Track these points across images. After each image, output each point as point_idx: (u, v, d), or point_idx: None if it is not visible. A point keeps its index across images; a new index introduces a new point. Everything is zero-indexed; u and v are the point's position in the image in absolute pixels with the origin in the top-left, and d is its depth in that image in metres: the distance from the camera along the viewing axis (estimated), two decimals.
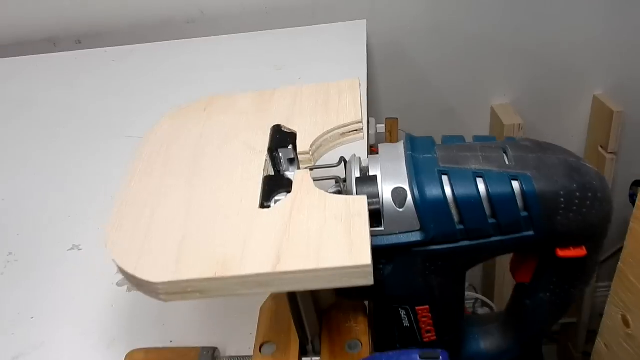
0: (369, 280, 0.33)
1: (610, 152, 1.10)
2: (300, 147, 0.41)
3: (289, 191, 0.37)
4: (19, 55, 1.04)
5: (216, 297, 0.34)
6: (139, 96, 0.89)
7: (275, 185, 0.38)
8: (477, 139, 0.41)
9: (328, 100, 0.45)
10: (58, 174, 0.74)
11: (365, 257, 0.32)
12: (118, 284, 0.38)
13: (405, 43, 1.04)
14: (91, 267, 0.61)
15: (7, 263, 0.63)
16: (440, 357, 0.39)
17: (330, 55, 0.92)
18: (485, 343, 0.51)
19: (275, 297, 0.50)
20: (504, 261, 1.10)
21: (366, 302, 0.49)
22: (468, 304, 1.20)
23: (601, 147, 1.12)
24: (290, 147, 0.41)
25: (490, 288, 1.23)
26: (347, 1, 0.99)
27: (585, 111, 1.14)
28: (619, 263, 0.72)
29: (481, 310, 1.19)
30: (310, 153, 0.41)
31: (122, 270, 0.35)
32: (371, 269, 0.32)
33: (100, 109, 0.87)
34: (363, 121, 0.43)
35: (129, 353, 0.48)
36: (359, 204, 0.35)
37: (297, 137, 0.42)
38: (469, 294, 1.20)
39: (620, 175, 1.13)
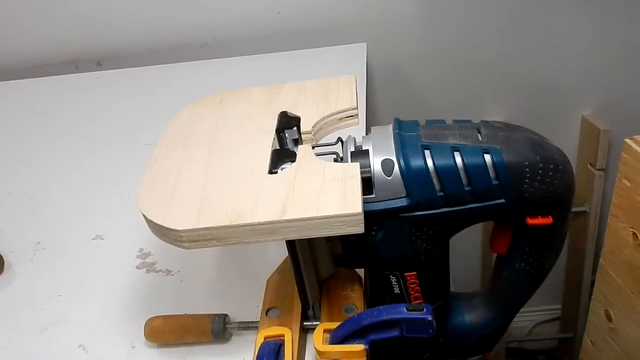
0: (360, 228, 0.39)
1: (599, 169, 1.16)
2: (304, 128, 0.48)
3: (293, 161, 0.44)
4: (44, 76, 1.12)
5: (230, 244, 0.40)
6: (155, 110, 0.96)
7: (281, 156, 0.44)
8: (455, 121, 0.48)
9: (328, 92, 0.51)
10: (82, 175, 0.81)
11: (356, 207, 0.38)
12: None
13: (403, 65, 1.11)
14: (113, 253, 0.67)
15: (36, 251, 0.69)
16: (425, 309, 0.45)
17: (332, 75, 0.98)
18: (470, 316, 0.56)
19: (280, 271, 0.56)
20: None
21: (362, 275, 0.55)
22: None
23: (590, 164, 1.18)
24: (294, 128, 0.48)
25: None
26: (348, 25, 1.07)
27: (575, 131, 1.21)
28: (600, 259, 0.77)
29: None
30: (312, 133, 0.48)
31: (151, 223, 0.41)
32: (362, 217, 0.38)
33: (119, 121, 0.94)
34: (358, 109, 0.49)
35: (148, 319, 0.54)
36: (353, 169, 0.42)
37: (301, 120, 0.49)
38: None
39: (608, 189, 1.18)
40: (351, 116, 0.49)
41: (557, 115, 1.19)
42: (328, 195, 0.39)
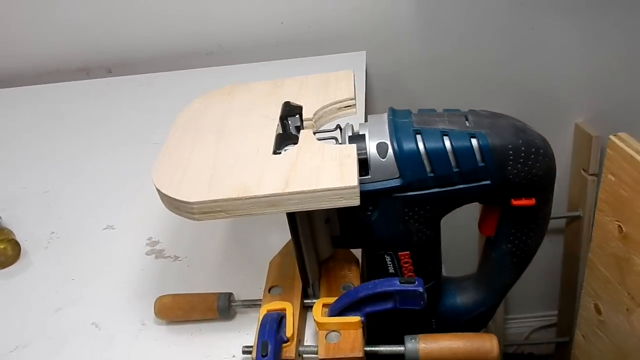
0: (356, 200, 0.43)
1: (592, 174, 1.20)
2: (305, 116, 0.52)
3: (295, 143, 0.48)
4: (57, 82, 1.16)
5: (237, 216, 0.43)
6: (163, 113, 0.99)
7: (285, 139, 0.48)
8: (445, 110, 0.52)
9: (328, 85, 0.56)
10: (92, 172, 0.85)
11: (353, 180, 0.42)
12: None
13: (401, 72, 1.15)
14: (123, 241, 0.71)
15: (50, 240, 0.72)
16: (416, 282, 0.48)
17: None
18: (461, 297, 0.60)
19: (282, 254, 0.60)
20: None
21: (359, 257, 0.58)
22: None
23: (583, 170, 1.22)
24: (297, 116, 0.52)
25: None
26: (348, 34, 1.11)
27: (568, 138, 1.24)
28: (589, 254, 0.81)
29: None
30: (313, 120, 0.51)
31: (164, 197, 0.45)
32: (357, 190, 0.42)
33: (129, 123, 0.98)
34: (355, 99, 0.53)
35: (158, 297, 0.57)
36: (350, 149, 0.46)
37: (303, 109, 0.53)
38: None
39: None
40: (349, 106, 0.53)
41: (551, 123, 1.23)
42: (327, 171, 0.43)
